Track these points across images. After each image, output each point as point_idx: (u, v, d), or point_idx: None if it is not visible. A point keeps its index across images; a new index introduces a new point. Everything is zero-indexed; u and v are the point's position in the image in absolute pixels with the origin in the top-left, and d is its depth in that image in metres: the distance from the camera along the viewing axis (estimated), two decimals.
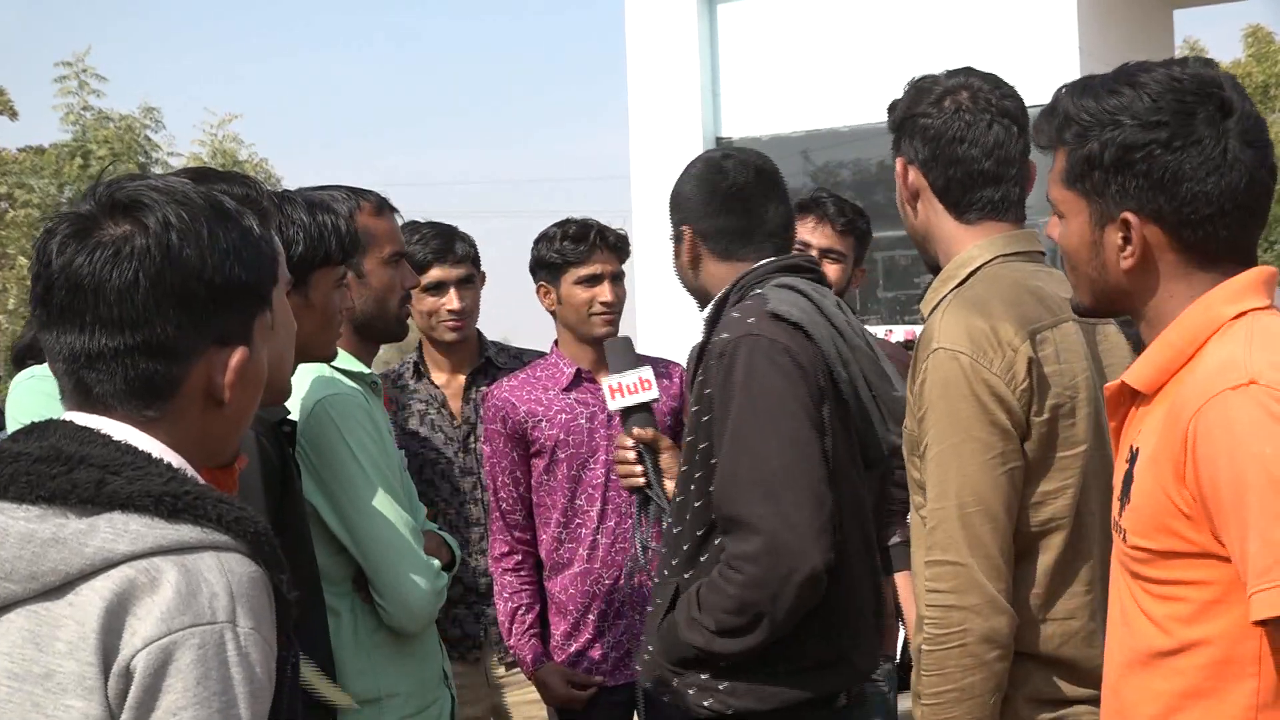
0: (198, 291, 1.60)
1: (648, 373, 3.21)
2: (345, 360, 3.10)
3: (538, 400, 4.00)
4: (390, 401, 4.16)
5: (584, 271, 4.00)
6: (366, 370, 3.19)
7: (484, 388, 4.16)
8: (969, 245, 2.62)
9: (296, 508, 2.72)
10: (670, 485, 3.11)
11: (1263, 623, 1.73)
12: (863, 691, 3.04)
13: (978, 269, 2.58)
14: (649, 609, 2.96)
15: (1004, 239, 2.63)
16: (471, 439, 4.15)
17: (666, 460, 3.16)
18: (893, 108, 2.76)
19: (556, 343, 4.13)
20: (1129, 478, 1.92)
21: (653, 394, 3.21)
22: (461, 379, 4.21)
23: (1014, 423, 2.43)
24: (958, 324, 2.46)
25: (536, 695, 4.12)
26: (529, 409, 3.99)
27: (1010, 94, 2.69)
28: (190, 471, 1.60)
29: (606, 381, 3.21)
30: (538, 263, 4.07)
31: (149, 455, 1.57)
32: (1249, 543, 1.73)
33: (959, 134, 2.63)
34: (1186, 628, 1.86)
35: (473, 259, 4.21)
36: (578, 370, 4.02)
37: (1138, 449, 1.92)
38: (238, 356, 1.64)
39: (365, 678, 3.01)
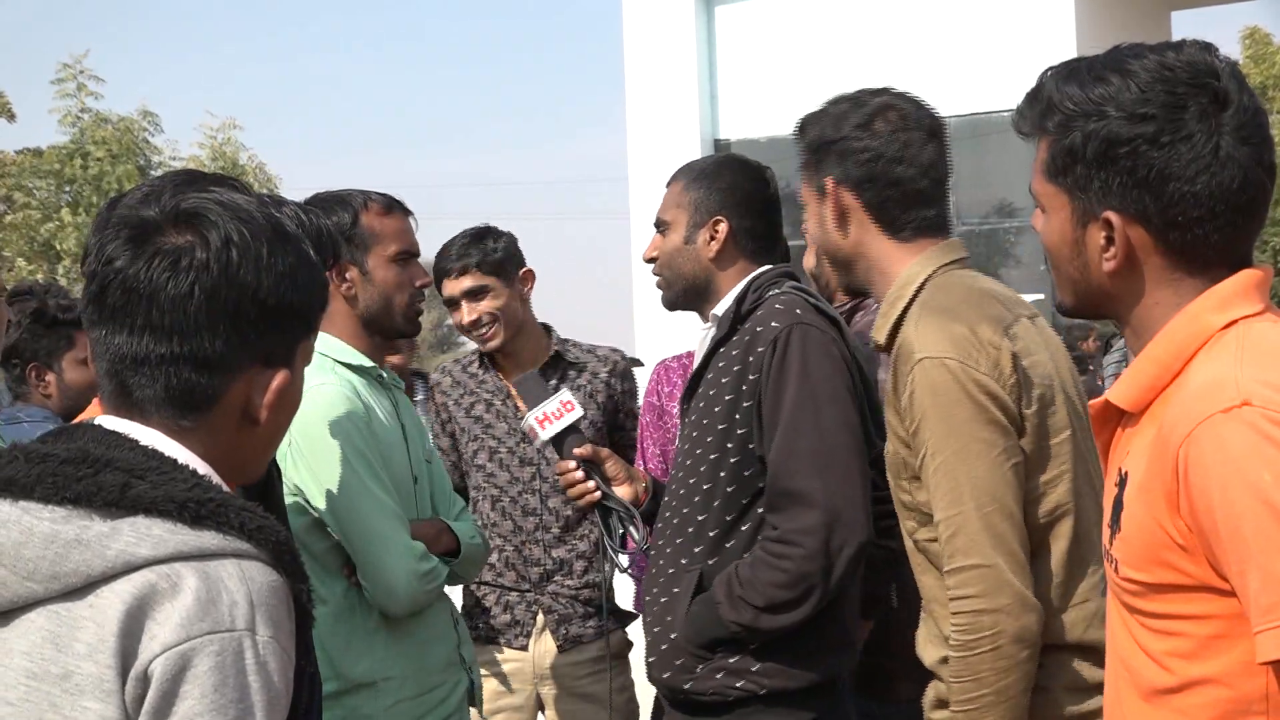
0: (250, 311, 1.62)
1: (566, 395, 3.29)
2: (349, 354, 3.24)
3: (675, 384, 4.14)
4: (457, 385, 4.32)
5: None
6: (370, 364, 3.29)
7: (553, 381, 4.21)
8: (908, 263, 2.66)
9: (276, 504, 2.77)
10: (622, 491, 3.22)
11: (1270, 663, 1.61)
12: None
13: (923, 284, 2.62)
14: (661, 599, 3.02)
15: (938, 251, 2.68)
16: None
17: (612, 468, 3.25)
18: (803, 128, 2.77)
19: None
20: (1119, 504, 1.79)
21: (577, 413, 3.28)
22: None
23: (1009, 418, 2.47)
24: (936, 331, 2.49)
25: (592, 691, 4.20)
26: (670, 391, 4.14)
27: (933, 112, 2.77)
28: (216, 479, 1.62)
29: (532, 414, 3.25)
30: None
31: (175, 461, 1.59)
32: (1249, 578, 1.60)
33: (897, 154, 2.68)
34: (1188, 664, 1.72)
35: (482, 266, 4.22)
36: None
37: (1126, 473, 1.78)
38: (279, 379, 1.66)
39: (363, 661, 3.11)
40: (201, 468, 1.62)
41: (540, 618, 4.20)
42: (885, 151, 2.68)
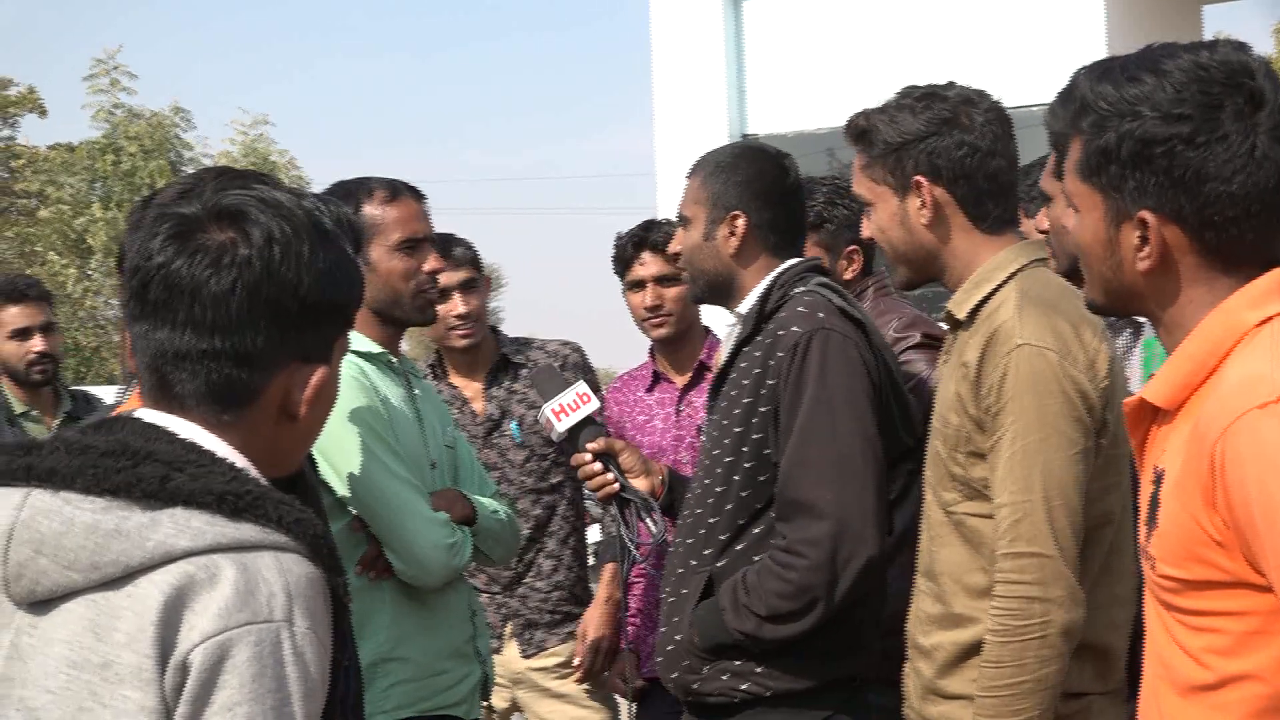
0: (290, 307, 1.63)
1: (583, 387, 3.26)
2: (358, 340, 3.16)
3: (625, 402, 4.18)
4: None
5: (630, 276, 4.13)
6: (379, 350, 3.25)
7: (505, 384, 4.22)
8: (995, 253, 2.68)
9: (308, 495, 2.78)
10: (640, 483, 3.19)
11: None
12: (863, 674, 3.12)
13: (1014, 273, 2.64)
14: (670, 599, 3.01)
15: (1029, 246, 2.72)
16: (495, 434, 4.21)
17: (627, 460, 3.22)
18: (871, 126, 2.74)
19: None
20: (1155, 502, 1.78)
21: (594, 404, 3.26)
22: (480, 380, 4.27)
23: (1093, 419, 2.52)
24: (1040, 322, 2.53)
25: (566, 691, 4.20)
26: (619, 411, 4.17)
27: (999, 102, 2.77)
28: (253, 472, 1.63)
29: (548, 406, 3.23)
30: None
31: (213, 454, 1.60)
32: None
33: (991, 147, 2.69)
34: (1226, 661, 1.71)
35: (473, 262, 4.24)
36: (654, 372, 4.18)
37: (1162, 471, 1.78)
38: (318, 375, 1.67)
39: (366, 645, 3.07)
40: (240, 461, 1.63)
41: (508, 625, 4.21)
42: (980, 145, 2.69)
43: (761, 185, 3.05)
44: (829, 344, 2.86)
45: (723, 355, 3.12)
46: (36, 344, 5.03)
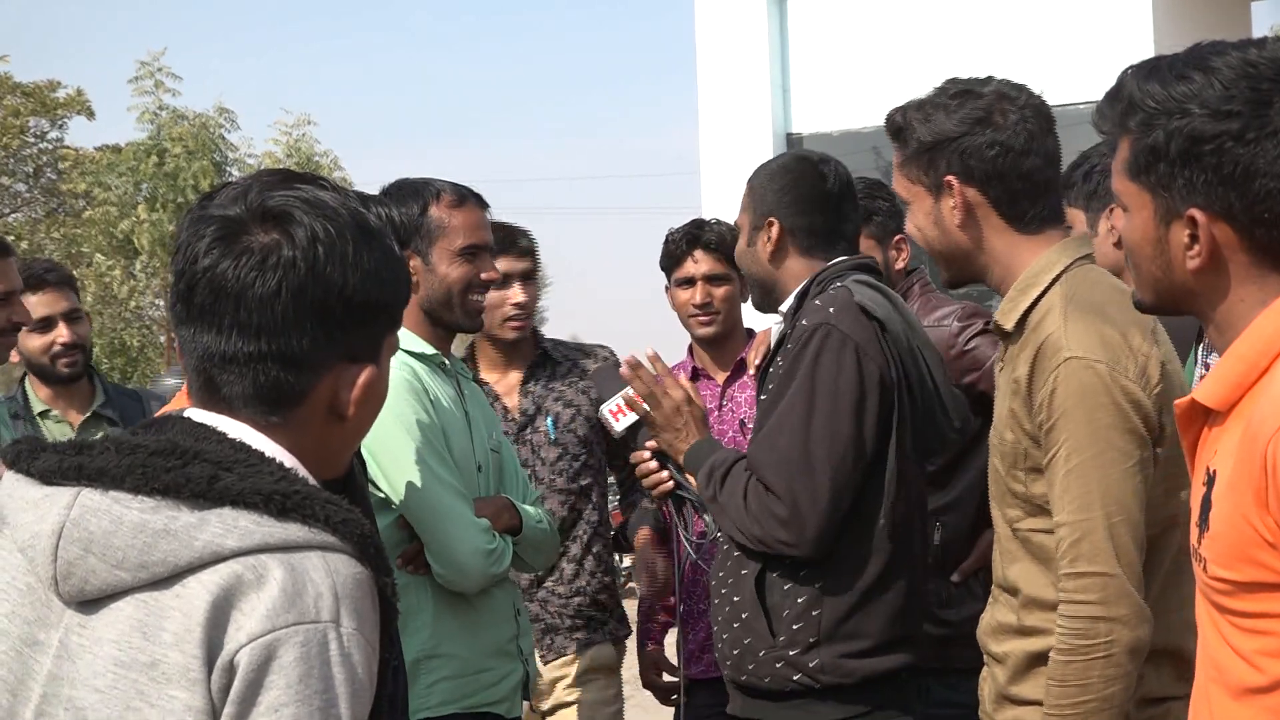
0: (336, 308, 1.62)
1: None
2: (411, 340, 3.22)
3: None
4: None
5: (680, 274, 4.14)
6: (431, 351, 3.29)
7: (543, 380, 4.21)
8: (1038, 254, 2.62)
9: (358, 494, 2.79)
10: (695, 481, 3.22)
11: None
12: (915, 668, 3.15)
13: (1059, 275, 2.58)
14: (729, 581, 3.07)
15: (1074, 243, 2.65)
16: (528, 431, 4.18)
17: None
18: (906, 123, 2.71)
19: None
20: (1206, 503, 1.78)
21: None
22: (517, 374, 4.24)
23: (1148, 428, 2.46)
24: (1088, 332, 2.47)
25: (575, 700, 4.18)
26: None
27: (1041, 97, 2.71)
28: (302, 472, 1.63)
29: (606, 406, 3.26)
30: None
31: (261, 454, 1.60)
32: None
33: (1025, 145, 2.62)
34: (1279, 663, 1.71)
35: (534, 254, 4.25)
36: (694, 368, 4.21)
37: (1214, 472, 1.77)
38: (366, 375, 1.67)
39: (410, 641, 3.09)
40: (288, 461, 1.62)
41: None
42: (1013, 144, 2.62)
43: (796, 192, 3.16)
44: (827, 340, 2.93)
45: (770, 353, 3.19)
46: (61, 334, 4.48)
